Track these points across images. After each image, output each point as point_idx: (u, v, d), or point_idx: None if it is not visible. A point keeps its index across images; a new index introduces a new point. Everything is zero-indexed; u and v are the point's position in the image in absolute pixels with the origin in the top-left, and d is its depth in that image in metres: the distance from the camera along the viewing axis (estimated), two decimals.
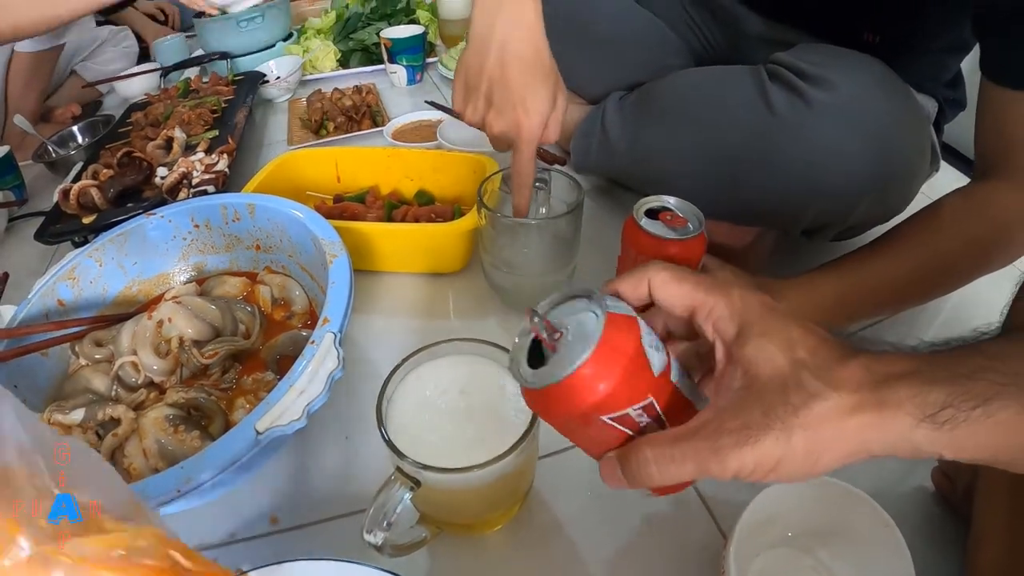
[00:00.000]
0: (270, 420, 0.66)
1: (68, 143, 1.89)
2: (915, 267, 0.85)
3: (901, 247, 0.86)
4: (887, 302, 0.91)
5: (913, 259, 0.85)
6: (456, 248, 1.10)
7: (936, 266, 0.85)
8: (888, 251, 0.87)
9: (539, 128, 0.88)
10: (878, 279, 0.86)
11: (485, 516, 0.71)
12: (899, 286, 0.87)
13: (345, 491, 0.81)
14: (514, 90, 0.88)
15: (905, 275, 0.86)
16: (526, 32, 0.87)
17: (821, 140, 0.85)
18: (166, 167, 1.41)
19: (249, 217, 1.04)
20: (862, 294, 0.87)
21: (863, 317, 0.93)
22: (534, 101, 0.87)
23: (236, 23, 2.10)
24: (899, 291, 0.88)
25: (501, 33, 0.87)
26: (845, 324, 0.91)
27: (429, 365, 0.69)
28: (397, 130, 1.61)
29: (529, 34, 0.87)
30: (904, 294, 0.89)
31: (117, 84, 2.27)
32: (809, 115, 0.85)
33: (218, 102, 1.74)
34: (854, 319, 0.92)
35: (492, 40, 0.87)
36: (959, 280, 0.88)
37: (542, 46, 0.88)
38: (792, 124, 0.86)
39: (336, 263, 0.86)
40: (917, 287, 0.88)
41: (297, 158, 1.32)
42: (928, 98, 1.04)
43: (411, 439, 0.62)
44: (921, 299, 0.92)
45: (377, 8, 2.27)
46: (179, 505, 0.70)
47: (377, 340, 1.04)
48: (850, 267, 0.88)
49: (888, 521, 0.60)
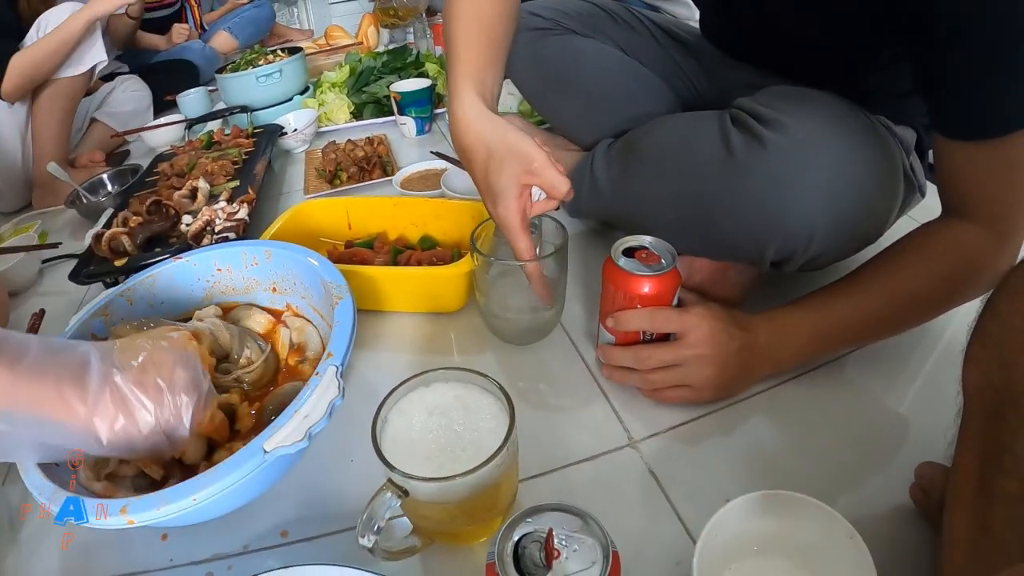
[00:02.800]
0: (276, 441, 0.75)
1: (99, 190, 2.00)
2: (885, 303, 0.89)
3: (871, 283, 0.91)
4: (859, 336, 0.96)
5: (883, 294, 0.89)
6: (454, 289, 1.18)
7: (906, 301, 0.89)
8: (857, 287, 0.91)
9: (511, 213, 0.91)
10: (850, 314, 0.91)
11: (469, 527, 0.78)
12: (870, 321, 0.91)
13: (349, 507, 0.88)
14: (480, 185, 0.96)
15: (876, 310, 0.90)
16: (461, 128, 0.94)
17: (774, 179, 0.88)
18: (191, 215, 1.51)
19: (266, 262, 1.13)
20: (833, 329, 0.92)
21: (835, 350, 1.00)
22: (496, 190, 0.91)
23: (255, 78, 2.21)
24: (870, 326, 0.93)
25: (452, 135, 0.96)
26: (817, 357, 0.98)
27: (420, 390, 0.78)
28: (406, 179, 1.70)
29: (464, 129, 0.93)
30: (876, 328, 0.94)
31: (144, 134, 2.39)
32: (764, 156, 0.89)
33: (239, 154, 1.85)
34: (825, 352, 0.98)
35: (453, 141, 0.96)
36: (929, 313, 0.93)
37: (478, 136, 0.92)
38: (749, 165, 0.90)
39: (341, 304, 0.95)
40: (888, 321, 0.92)
41: (311, 207, 1.41)
42: (906, 128, 1.07)
43: (402, 454, 0.70)
44: (892, 331, 0.96)
45: (388, 62, 2.38)
46: (196, 517, 0.79)
47: (382, 373, 1.12)
48: (822, 302, 0.93)
49: (852, 532, 0.63)
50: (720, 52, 1.34)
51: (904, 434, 0.92)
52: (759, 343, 0.93)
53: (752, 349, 0.92)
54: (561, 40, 1.38)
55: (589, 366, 1.07)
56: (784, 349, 0.94)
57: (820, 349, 0.96)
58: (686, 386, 0.93)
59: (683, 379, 0.93)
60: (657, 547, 0.80)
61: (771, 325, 0.94)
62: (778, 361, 0.95)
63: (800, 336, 0.93)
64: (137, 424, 0.76)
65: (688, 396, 0.94)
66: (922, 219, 0.91)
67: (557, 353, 1.11)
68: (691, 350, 0.91)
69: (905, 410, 0.96)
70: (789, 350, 0.94)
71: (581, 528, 0.62)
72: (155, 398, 0.78)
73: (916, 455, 0.81)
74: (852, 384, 1.00)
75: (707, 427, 0.95)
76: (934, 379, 0.99)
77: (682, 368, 0.92)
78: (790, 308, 0.94)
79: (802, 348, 0.94)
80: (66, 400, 0.73)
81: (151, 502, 0.72)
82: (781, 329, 0.93)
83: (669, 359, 0.92)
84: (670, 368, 0.92)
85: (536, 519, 0.63)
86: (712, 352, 0.90)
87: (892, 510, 0.81)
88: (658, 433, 0.94)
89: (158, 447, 0.79)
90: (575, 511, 0.63)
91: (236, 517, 0.87)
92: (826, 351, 0.98)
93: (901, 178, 0.97)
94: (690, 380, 0.92)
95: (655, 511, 0.84)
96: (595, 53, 1.38)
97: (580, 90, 1.38)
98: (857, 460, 0.89)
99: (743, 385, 0.97)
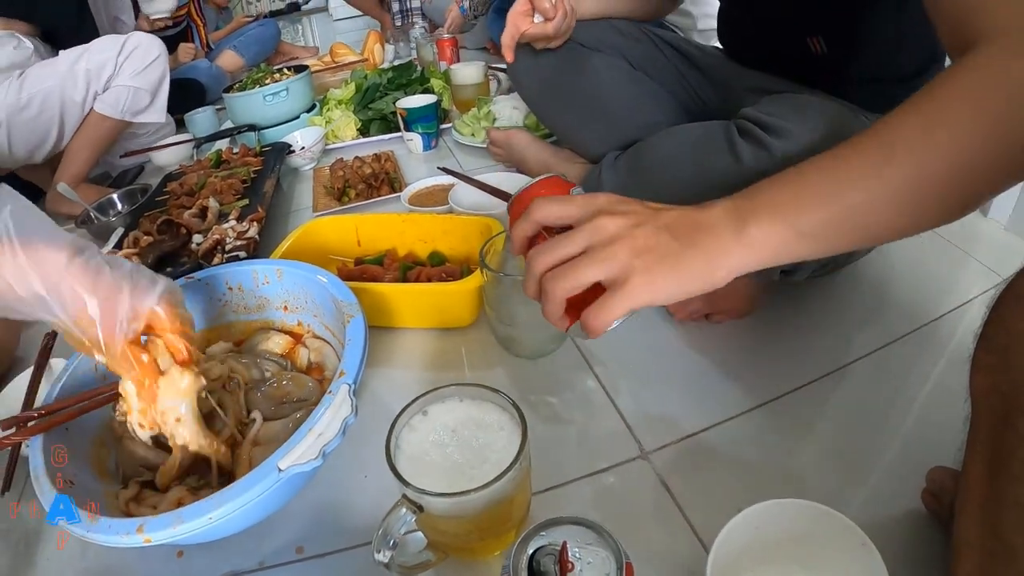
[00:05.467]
0: (291, 459, 0.75)
1: (108, 210, 2.01)
2: (932, 171, 0.61)
3: (906, 142, 0.63)
4: (874, 218, 0.65)
5: (929, 160, 0.61)
6: (464, 305, 1.19)
7: (953, 166, 0.61)
8: (886, 154, 0.63)
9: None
10: (875, 194, 0.63)
11: (483, 541, 0.78)
12: (895, 195, 0.63)
13: (363, 523, 0.90)
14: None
15: (914, 183, 0.62)
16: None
17: None
18: (201, 234, 1.52)
19: (278, 280, 1.15)
20: (856, 217, 0.65)
21: (837, 239, 0.66)
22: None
23: (263, 97, 2.23)
24: (908, 205, 0.64)
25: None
26: (809, 246, 0.66)
27: (435, 406, 0.79)
28: (413, 195, 1.71)
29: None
30: (918, 207, 0.64)
31: (153, 154, 2.40)
32: (771, 163, 0.89)
33: (247, 172, 1.87)
34: (823, 241, 0.66)
35: None
36: (982, 183, 0.62)
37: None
38: (758, 173, 0.75)
39: (353, 322, 0.96)
40: (933, 198, 0.63)
41: (321, 225, 1.42)
42: None
43: (416, 470, 0.71)
44: (936, 217, 0.65)
45: (394, 79, 2.40)
46: (214, 533, 0.79)
47: (394, 390, 1.13)
48: (817, 169, 0.67)
49: (864, 539, 0.64)
50: (726, 60, 1.36)
51: (915, 440, 0.92)
52: (703, 214, 0.69)
53: (689, 218, 0.69)
54: (568, 53, 1.40)
55: (600, 379, 1.07)
56: (754, 218, 0.66)
57: (818, 233, 0.66)
58: (608, 278, 0.66)
59: (594, 262, 0.66)
60: (670, 558, 0.81)
61: (734, 199, 0.69)
62: (745, 235, 0.66)
63: (781, 209, 0.66)
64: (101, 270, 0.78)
65: (614, 279, 0.66)
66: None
67: (567, 367, 1.11)
68: (590, 220, 0.69)
69: (915, 416, 0.96)
70: (762, 223, 0.66)
71: (595, 540, 0.63)
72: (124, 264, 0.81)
73: (927, 460, 0.81)
74: (861, 391, 1.01)
75: (718, 437, 0.95)
76: (943, 385, 0.99)
77: (589, 252, 0.67)
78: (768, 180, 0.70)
79: (784, 225, 0.65)
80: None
81: (167, 520, 0.72)
82: (750, 197, 0.68)
83: (567, 242, 0.68)
84: (579, 258, 0.67)
85: (550, 532, 0.64)
86: (615, 212, 0.70)
87: (904, 516, 0.81)
88: (669, 444, 0.95)
89: (112, 311, 0.79)
90: (588, 524, 0.64)
91: (251, 534, 0.88)
92: (826, 239, 0.66)
93: None
94: (601, 258, 0.66)
95: (668, 522, 0.85)
96: (602, 66, 1.39)
97: (587, 102, 1.40)
98: (868, 467, 0.89)
99: (689, 265, 0.66)
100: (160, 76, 2.14)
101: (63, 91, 2.05)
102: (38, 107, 2.05)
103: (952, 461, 0.76)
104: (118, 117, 2.12)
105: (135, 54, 2.05)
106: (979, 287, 1.17)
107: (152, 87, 2.12)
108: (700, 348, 1.11)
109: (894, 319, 1.12)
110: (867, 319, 1.15)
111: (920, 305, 1.14)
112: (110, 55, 2.04)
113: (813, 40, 1.13)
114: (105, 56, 2.04)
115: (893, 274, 1.23)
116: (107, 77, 2.05)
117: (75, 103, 2.07)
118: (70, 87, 2.04)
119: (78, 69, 2.03)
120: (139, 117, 2.15)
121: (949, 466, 0.78)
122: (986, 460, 0.56)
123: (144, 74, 2.10)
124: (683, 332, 1.15)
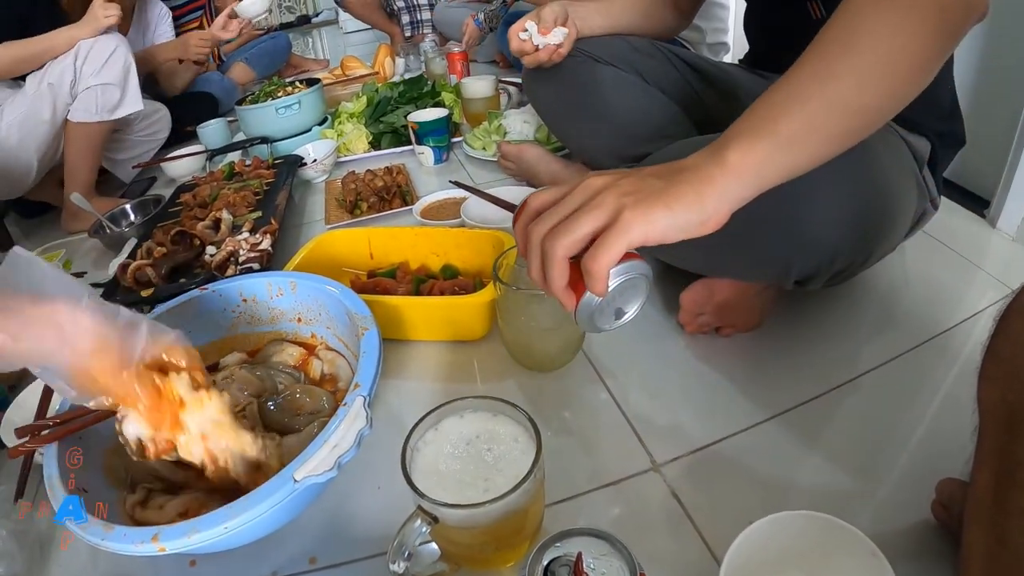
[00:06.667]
0: (306, 470, 0.76)
1: (121, 220, 2.04)
2: (863, 70, 0.69)
3: (831, 59, 0.70)
4: (839, 119, 0.70)
5: (855, 61, 0.69)
6: (477, 318, 1.20)
7: (892, 59, 0.69)
8: (847, 46, 0.70)
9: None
10: (847, 82, 0.69)
11: (497, 552, 0.79)
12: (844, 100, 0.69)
13: (376, 534, 0.90)
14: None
15: (885, 60, 0.69)
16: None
17: (795, 197, 0.82)
18: (214, 246, 1.54)
19: (291, 293, 1.16)
20: (834, 108, 0.70)
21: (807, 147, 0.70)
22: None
23: (275, 110, 2.25)
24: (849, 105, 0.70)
25: None
26: (781, 161, 0.69)
27: (450, 419, 0.80)
28: (425, 208, 1.72)
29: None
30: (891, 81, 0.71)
31: (165, 164, 2.43)
32: None
33: (260, 184, 1.88)
34: (794, 155, 0.70)
35: None
36: (926, 65, 0.72)
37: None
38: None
39: (367, 335, 0.97)
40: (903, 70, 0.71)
41: (334, 238, 1.44)
42: (920, 138, 1.08)
43: (431, 482, 0.72)
44: (911, 85, 0.72)
45: (405, 92, 2.41)
46: (229, 542, 0.80)
47: (407, 402, 1.14)
48: (805, 86, 0.70)
49: (875, 550, 0.64)
50: (738, 74, 1.39)
51: (924, 452, 0.93)
52: (684, 160, 0.71)
53: (671, 165, 0.71)
54: (581, 66, 1.42)
55: (611, 392, 1.08)
56: (731, 145, 0.69)
57: (799, 136, 0.69)
58: (602, 223, 0.66)
59: (586, 212, 0.67)
60: (682, 569, 0.81)
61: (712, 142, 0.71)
62: (725, 161, 0.68)
63: (755, 127, 0.70)
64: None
65: (607, 221, 0.66)
66: (938, 235, 0.89)
67: (579, 380, 1.12)
68: (579, 184, 0.71)
69: (925, 428, 0.97)
70: (740, 145, 0.68)
71: (609, 551, 0.64)
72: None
73: (937, 472, 0.82)
74: (871, 403, 1.01)
75: (729, 449, 0.96)
76: (952, 397, 1.00)
77: (581, 207, 0.68)
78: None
79: (760, 139, 0.68)
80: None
81: (182, 530, 0.73)
82: (725, 134, 0.71)
83: (560, 206, 0.70)
84: (573, 213, 0.68)
85: (565, 543, 0.65)
86: (602, 175, 0.71)
87: (914, 527, 0.82)
88: (680, 457, 0.95)
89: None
90: (603, 535, 0.65)
91: (264, 544, 0.89)
92: (809, 142, 0.70)
93: (915, 185, 0.98)
94: (592, 207, 0.67)
95: (679, 534, 0.85)
96: (614, 79, 1.40)
97: (599, 115, 1.40)
98: (878, 479, 0.90)
99: (677, 195, 0.66)
100: (124, 67, 2.11)
101: (37, 113, 2.07)
102: (17, 135, 2.08)
103: (961, 473, 0.76)
104: (96, 120, 2.11)
105: (91, 55, 2.04)
106: (988, 299, 1.18)
107: (119, 79, 2.10)
108: (710, 361, 1.12)
109: (903, 331, 1.12)
110: (876, 332, 1.16)
111: (929, 317, 1.15)
112: (67, 63, 2.03)
113: (812, 4, 1.13)
114: (62, 66, 2.04)
115: (902, 286, 1.24)
116: (69, 84, 2.05)
117: (43, 121, 2.08)
118: (38, 106, 2.06)
119: (43, 87, 2.04)
120: (117, 112, 2.13)
121: (958, 477, 0.78)
122: (993, 470, 0.56)
123: (106, 69, 2.07)
124: (693, 345, 1.15)
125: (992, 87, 1.50)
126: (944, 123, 1.11)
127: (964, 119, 1.16)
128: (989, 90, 1.50)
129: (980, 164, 1.43)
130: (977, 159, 0.87)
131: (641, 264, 0.68)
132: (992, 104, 1.48)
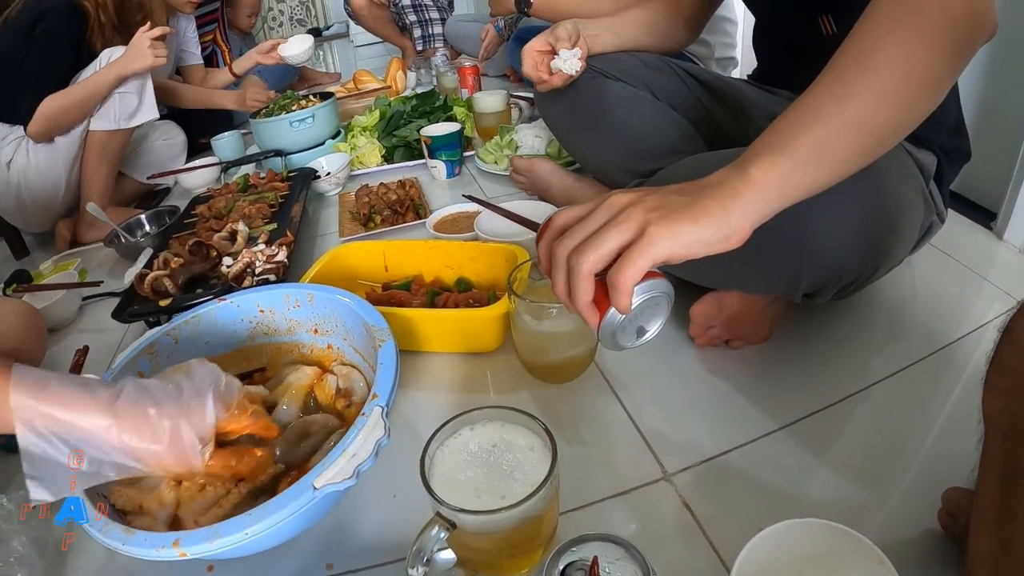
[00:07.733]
0: (326, 478, 0.77)
1: (136, 231, 2.07)
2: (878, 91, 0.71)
3: (847, 79, 0.73)
4: (856, 140, 0.73)
5: (870, 82, 0.71)
6: (491, 330, 1.22)
7: (920, 63, 0.72)
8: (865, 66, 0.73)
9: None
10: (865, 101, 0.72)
11: (512, 558, 0.81)
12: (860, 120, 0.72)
13: (392, 541, 0.92)
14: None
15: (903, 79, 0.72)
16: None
17: (804, 212, 0.78)
18: (231, 257, 1.56)
19: (308, 304, 1.17)
20: (852, 127, 0.72)
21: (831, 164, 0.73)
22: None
23: (289, 123, 2.28)
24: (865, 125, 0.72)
25: None
26: (801, 179, 0.71)
27: (467, 429, 0.82)
28: (438, 222, 1.73)
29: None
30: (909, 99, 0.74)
31: (180, 176, 2.46)
32: None
33: (275, 197, 1.91)
34: (813, 174, 0.72)
35: None
36: (941, 83, 0.75)
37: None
38: None
39: (384, 347, 0.99)
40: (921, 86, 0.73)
41: (349, 250, 1.46)
42: (927, 153, 1.10)
43: (449, 489, 0.74)
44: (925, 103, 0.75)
45: (417, 106, 2.44)
46: (245, 550, 0.81)
47: (422, 412, 1.15)
48: (822, 106, 0.72)
49: (882, 558, 0.65)
50: (747, 90, 1.41)
51: (931, 461, 0.94)
52: (709, 177, 0.74)
53: (695, 183, 0.73)
54: (591, 82, 1.43)
55: (623, 403, 1.10)
56: (753, 161, 0.71)
57: (818, 154, 0.71)
58: (628, 239, 0.68)
59: (611, 228, 0.68)
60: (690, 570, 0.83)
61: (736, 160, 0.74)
62: (748, 177, 0.70)
63: (776, 144, 0.72)
64: (149, 416, 0.79)
65: (633, 237, 0.68)
66: (945, 247, 0.89)
67: (591, 391, 1.14)
68: (604, 202, 0.72)
69: (932, 438, 0.98)
70: (761, 162, 0.70)
71: (623, 556, 0.65)
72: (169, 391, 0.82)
73: (943, 481, 0.83)
74: (879, 414, 1.02)
75: (738, 459, 0.97)
76: (960, 407, 1.01)
77: (607, 223, 0.69)
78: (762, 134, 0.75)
79: (782, 156, 0.70)
80: (88, 409, 0.76)
81: (204, 535, 0.74)
82: (748, 151, 0.73)
83: (586, 223, 0.71)
84: (599, 230, 0.69)
85: (580, 548, 0.66)
86: (627, 192, 0.73)
87: (921, 535, 0.83)
88: (691, 466, 0.97)
89: (181, 446, 0.81)
90: (617, 540, 0.66)
91: (282, 550, 0.91)
92: (829, 160, 0.72)
93: (922, 199, 0.99)
94: (618, 223, 0.68)
95: (690, 542, 0.86)
96: (625, 95, 1.42)
97: (610, 130, 1.42)
98: (885, 487, 0.91)
99: (703, 210, 0.68)
100: (141, 76, 2.13)
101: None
102: (45, 158, 2.12)
103: (967, 482, 0.77)
104: (115, 128, 2.13)
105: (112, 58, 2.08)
106: (995, 310, 1.19)
107: (136, 88, 2.12)
108: (721, 373, 1.13)
109: (911, 343, 1.14)
110: (884, 343, 1.17)
111: (937, 329, 1.16)
112: (87, 74, 2.08)
113: (824, 19, 1.14)
114: (84, 76, 2.08)
115: (910, 299, 1.26)
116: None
117: (72, 138, 2.13)
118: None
119: None
120: (134, 120, 2.15)
121: (964, 486, 0.80)
122: (998, 478, 0.58)
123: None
124: (704, 357, 1.17)
125: (998, 99, 1.51)
126: (950, 139, 1.12)
127: (970, 131, 1.17)
128: (995, 102, 1.51)
129: (987, 176, 1.44)
130: (984, 171, 0.88)
131: (664, 283, 0.70)
132: (998, 116, 1.50)
